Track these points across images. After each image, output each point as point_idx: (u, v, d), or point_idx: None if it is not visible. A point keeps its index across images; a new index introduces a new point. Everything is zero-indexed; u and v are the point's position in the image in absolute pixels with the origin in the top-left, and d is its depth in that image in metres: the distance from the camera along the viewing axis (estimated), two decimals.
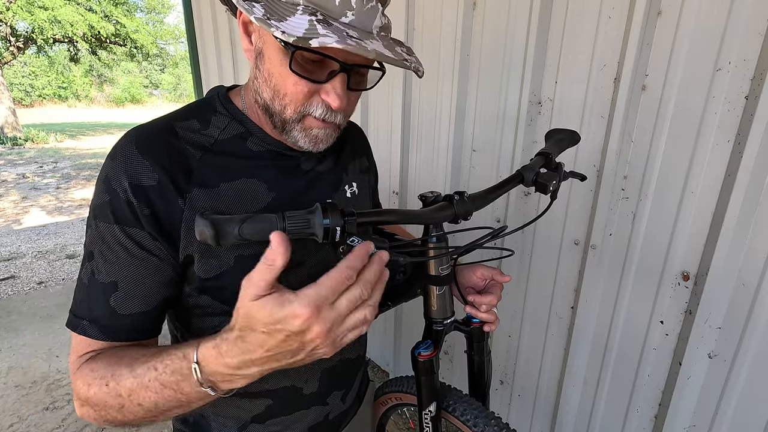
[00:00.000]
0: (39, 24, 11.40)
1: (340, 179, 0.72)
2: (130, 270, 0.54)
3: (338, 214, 0.50)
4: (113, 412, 0.51)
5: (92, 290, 0.54)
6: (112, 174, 0.53)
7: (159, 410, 0.50)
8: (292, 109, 0.56)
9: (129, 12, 14.62)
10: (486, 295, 0.75)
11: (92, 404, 0.52)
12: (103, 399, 0.51)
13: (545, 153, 0.74)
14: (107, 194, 0.53)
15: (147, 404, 0.49)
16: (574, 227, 1.24)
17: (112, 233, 0.53)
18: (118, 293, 0.54)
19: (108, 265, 0.54)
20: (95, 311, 0.54)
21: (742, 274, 0.94)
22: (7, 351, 2.48)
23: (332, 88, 0.53)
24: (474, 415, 0.79)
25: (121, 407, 0.50)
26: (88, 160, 9.72)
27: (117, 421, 0.52)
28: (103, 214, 0.53)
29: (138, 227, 0.53)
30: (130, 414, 0.51)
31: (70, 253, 4.10)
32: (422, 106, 1.60)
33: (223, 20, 2.69)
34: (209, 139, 0.60)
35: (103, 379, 0.51)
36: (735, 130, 0.91)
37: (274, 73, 0.55)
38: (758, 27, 0.85)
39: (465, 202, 0.62)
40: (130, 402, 0.50)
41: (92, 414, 0.53)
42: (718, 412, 1.04)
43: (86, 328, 0.54)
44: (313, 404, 0.73)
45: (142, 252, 0.54)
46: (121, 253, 0.53)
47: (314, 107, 0.56)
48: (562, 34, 1.14)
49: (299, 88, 0.54)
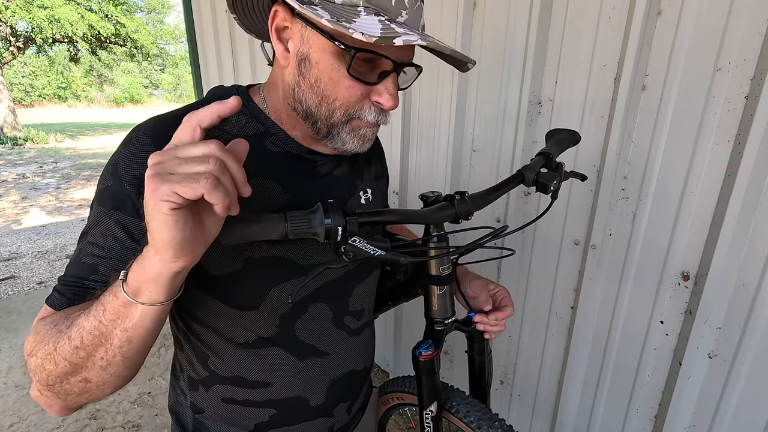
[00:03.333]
0: (38, 23, 11.39)
1: (354, 185, 0.72)
2: (114, 256, 0.53)
3: (340, 214, 0.50)
4: (48, 363, 0.48)
5: (74, 268, 0.54)
6: (122, 161, 0.53)
7: (84, 347, 0.46)
8: (341, 113, 0.55)
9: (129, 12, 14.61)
10: (504, 310, 0.78)
11: (33, 356, 0.49)
12: (44, 342, 0.49)
13: (546, 153, 0.74)
14: (112, 180, 0.53)
15: (75, 335, 0.47)
16: (574, 227, 1.24)
17: (107, 219, 0.53)
18: (95, 276, 0.53)
19: (95, 248, 0.53)
20: (69, 287, 0.53)
21: (742, 274, 0.95)
22: (7, 351, 2.48)
23: (385, 88, 0.54)
24: (477, 416, 0.79)
25: (55, 349, 0.48)
26: (88, 160, 9.71)
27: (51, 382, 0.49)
28: (104, 198, 0.53)
29: (136, 217, 0.52)
30: (60, 359, 0.47)
31: (70, 253, 4.09)
32: (422, 106, 1.60)
33: (223, 20, 2.68)
34: (226, 135, 0.59)
35: (53, 322, 0.50)
36: (735, 130, 0.91)
37: (323, 78, 0.53)
38: (758, 27, 0.85)
39: (466, 202, 0.62)
40: (62, 338, 0.47)
41: (35, 385, 0.51)
42: (718, 412, 1.04)
43: (54, 300, 0.53)
44: (318, 416, 0.72)
45: (132, 242, 0.53)
46: (111, 239, 0.53)
47: (365, 111, 0.56)
48: (562, 34, 1.14)
49: (352, 92, 0.53)
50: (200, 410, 0.69)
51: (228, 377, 0.65)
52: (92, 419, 1.97)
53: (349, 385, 0.76)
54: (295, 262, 0.62)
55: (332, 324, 0.69)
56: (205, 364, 0.65)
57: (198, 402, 0.69)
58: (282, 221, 0.48)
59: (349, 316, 0.71)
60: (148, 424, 1.95)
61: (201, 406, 0.69)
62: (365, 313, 0.76)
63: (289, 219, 0.48)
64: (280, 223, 0.48)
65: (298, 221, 0.49)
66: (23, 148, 11.14)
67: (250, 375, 0.65)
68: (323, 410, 0.72)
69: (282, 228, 0.48)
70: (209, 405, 0.68)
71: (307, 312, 0.66)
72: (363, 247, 0.52)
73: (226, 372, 0.65)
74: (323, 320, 0.68)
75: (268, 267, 0.60)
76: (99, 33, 12.77)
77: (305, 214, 0.49)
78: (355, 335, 0.74)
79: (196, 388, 0.68)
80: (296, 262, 0.62)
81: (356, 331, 0.74)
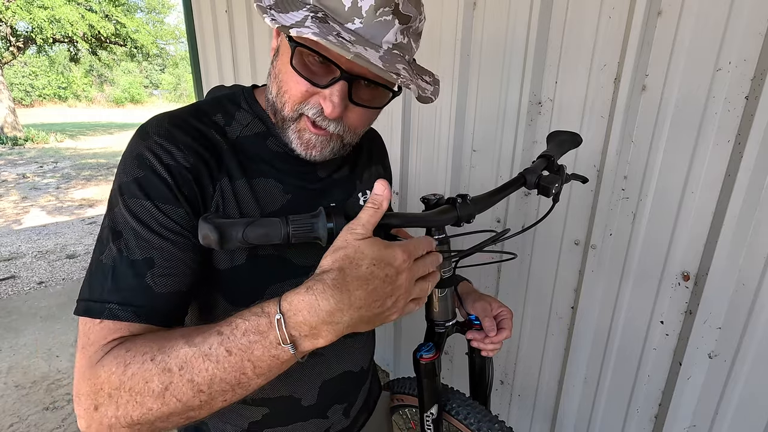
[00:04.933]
0: (38, 23, 11.38)
1: (354, 187, 0.72)
2: (167, 247, 0.51)
3: (342, 218, 0.50)
4: (150, 401, 0.42)
5: (121, 270, 0.49)
6: (145, 151, 0.52)
7: (210, 392, 0.43)
8: (290, 107, 0.56)
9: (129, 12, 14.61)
10: (500, 333, 0.78)
11: (118, 395, 0.43)
12: (144, 379, 0.42)
13: (547, 155, 0.74)
14: (140, 170, 0.51)
15: (200, 379, 0.42)
16: (574, 227, 1.24)
17: (146, 209, 0.51)
18: (155, 270, 0.50)
19: (141, 241, 0.50)
20: (127, 292, 0.49)
21: (742, 274, 0.94)
22: (7, 351, 2.48)
23: (329, 93, 0.53)
24: (477, 418, 0.78)
25: (165, 389, 0.42)
26: (88, 160, 9.71)
27: (144, 421, 0.43)
28: (135, 190, 0.51)
29: (174, 204, 0.52)
30: (172, 400, 0.42)
31: (70, 253, 4.10)
32: (422, 106, 1.60)
33: (223, 20, 2.68)
34: (232, 134, 0.60)
35: (145, 354, 0.44)
36: (735, 130, 0.91)
37: (282, 70, 0.56)
38: (758, 27, 0.85)
39: (467, 205, 0.62)
40: (180, 378, 0.42)
41: (110, 411, 0.43)
42: (718, 412, 1.04)
43: (116, 311, 0.48)
44: (311, 416, 0.71)
45: (180, 229, 0.52)
46: (157, 228, 0.51)
47: (309, 107, 0.55)
48: (562, 34, 1.14)
49: (299, 87, 0.54)
50: None
51: None
52: None
53: (344, 387, 0.75)
54: (293, 262, 0.62)
55: None
56: None
57: None
58: (284, 225, 0.48)
59: None
60: None
61: None
62: None
63: (291, 223, 0.48)
64: (282, 227, 0.48)
65: (300, 225, 0.49)
66: (23, 148, 11.13)
67: None
68: (316, 411, 0.71)
69: (284, 232, 0.48)
70: None
71: None
72: None
73: None
74: None
75: (267, 265, 0.61)
76: (99, 33, 12.77)
77: (307, 218, 0.49)
78: (350, 336, 0.73)
79: None
80: (293, 262, 0.62)
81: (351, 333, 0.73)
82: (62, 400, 2.10)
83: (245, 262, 0.59)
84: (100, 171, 8.50)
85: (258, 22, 2.39)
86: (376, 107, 0.59)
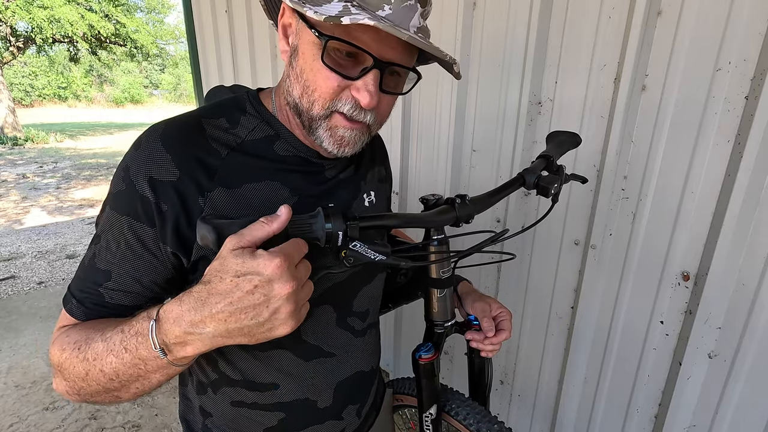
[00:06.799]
0: (38, 23, 11.38)
1: (358, 187, 0.72)
2: (126, 264, 0.54)
3: (340, 219, 0.49)
4: (79, 381, 0.50)
5: (88, 273, 0.55)
6: (133, 165, 0.53)
7: (119, 380, 0.49)
8: (320, 105, 0.54)
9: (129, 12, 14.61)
10: (499, 334, 0.77)
11: (63, 371, 0.51)
12: (72, 364, 0.50)
13: (546, 156, 0.74)
14: (123, 184, 0.53)
15: (108, 370, 0.48)
16: (574, 227, 1.24)
17: (119, 223, 0.53)
18: (110, 283, 0.54)
19: (108, 253, 0.54)
20: (84, 294, 0.55)
21: (742, 274, 0.94)
22: (7, 351, 2.48)
23: (363, 84, 0.52)
24: (476, 419, 0.78)
25: (86, 374, 0.49)
26: (88, 160, 9.71)
27: (83, 393, 0.52)
28: (116, 202, 0.53)
29: (147, 224, 0.52)
30: (93, 383, 0.50)
31: (70, 253, 4.10)
32: (422, 106, 1.60)
33: (223, 20, 2.68)
34: (236, 139, 0.59)
35: (76, 343, 0.51)
36: (735, 130, 0.91)
37: (306, 68, 0.54)
38: (758, 27, 0.85)
39: (467, 205, 0.62)
40: (93, 368, 0.49)
41: (63, 385, 0.52)
42: (718, 412, 1.04)
43: (73, 308, 0.55)
44: (327, 418, 0.71)
45: (143, 250, 0.53)
46: (123, 245, 0.53)
47: (343, 102, 0.54)
48: (562, 34, 1.14)
49: (330, 83, 0.53)
50: (209, 414, 0.69)
51: (237, 380, 0.65)
52: (92, 419, 1.97)
53: (357, 387, 0.75)
54: None
55: (336, 325, 0.69)
56: (215, 367, 0.65)
57: (206, 406, 0.69)
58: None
59: (353, 316, 0.71)
60: (148, 424, 1.95)
61: (209, 410, 0.69)
62: (371, 315, 0.76)
63: (290, 223, 0.48)
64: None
65: (298, 226, 0.49)
66: (23, 148, 11.14)
67: (258, 377, 0.65)
68: (332, 413, 0.71)
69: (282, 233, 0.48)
70: (218, 409, 0.68)
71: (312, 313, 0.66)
72: (364, 252, 0.52)
73: (236, 375, 0.65)
74: (327, 321, 0.68)
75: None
76: (99, 33, 12.76)
77: (306, 219, 0.49)
78: (360, 336, 0.73)
79: (205, 391, 0.68)
80: None
81: (361, 332, 0.73)
82: (62, 400, 2.10)
83: None
84: (100, 171, 8.50)
85: (258, 23, 2.39)
86: (401, 93, 0.60)
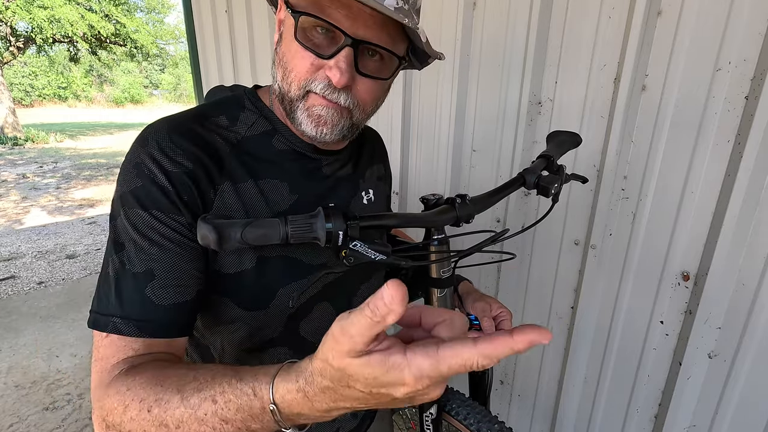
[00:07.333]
0: (38, 23, 11.39)
1: (357, 185, 0.72)
2: (167, 257, 0.51)
3: (341, 218, 0.50)
4: None
5: (123, 282, 0.50)
6: (145, 159, 0.52)
7: None
8: (296, 85, 0.54)
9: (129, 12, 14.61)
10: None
11: (124, 430, 0.45)
12: (142, 427, 0.44)
13: (547, 155, 0.74)
14: (139, 179, 0.51)
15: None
16: (574, 227, 1.24)
17: (146, 220, 0.51)
18: (155, 282, 0.50)
19: (142, 253, 0.51)
20: (128, 305, 0.50)
21: (742, 274, 0.94)
22: (7, 351, 2.48)
23: (335, 61, 0.51)
24: (477, 419, 0.78)
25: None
26: (88, 160, 9.71)
27: None
28: (135, 200, 0.51)
29: (175, 213, 0.51)
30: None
31: (70, 253, 4.10)
32: (422, 106, 1.60)
33: (223, 20, 2.68)
34: (237, 136, 0.59)
35: (143, 402, 0.44)
36: (735, 130, 0.91)
37: (285, 50, 0.55)
38: (758, 27, 0.85)
39: (467, 205, 0.62)
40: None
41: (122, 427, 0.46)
42: (718, 412, 1.04)
43: (118, 325, 0.49)
44: None
45: (181, 237, 0.52)
46: (157, 239, 0.51)
47: (317, 82, 0.53)
48: (562, 34, 1.14)
49: (304, 62, 0.53)
50: None
51: None
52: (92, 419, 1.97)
53: None
54: (303, 262, 0.62)
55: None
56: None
57: None
58: (283, 225, 0.48)
59: None
60: None
61: None
62: None
63: (290, 223, 0.48)
64: (281, 227, 0.48)
65: (298, 226, 0.49)
66: (23, 148, 11.14)
67: None
68: None
69: (283, 232, 0.48)
70: None
71: (312, 311, 0.66)
72: (364, 251, 0.52)
73: None
74: (326, 319, 0.68)
75: (277, 267, 0.60)
76: (99, 33, 12.77)
77: (306, 219, 0.49)
78: None
79: None
80: (303, 261, 0.62)
81: None
82: (62, 400, 2.10)
83: (255, 265, 0.58)
84: (100, 171, 8.50)
85: (258, 23, 2.39)
86: (383, 78, 0.57)
